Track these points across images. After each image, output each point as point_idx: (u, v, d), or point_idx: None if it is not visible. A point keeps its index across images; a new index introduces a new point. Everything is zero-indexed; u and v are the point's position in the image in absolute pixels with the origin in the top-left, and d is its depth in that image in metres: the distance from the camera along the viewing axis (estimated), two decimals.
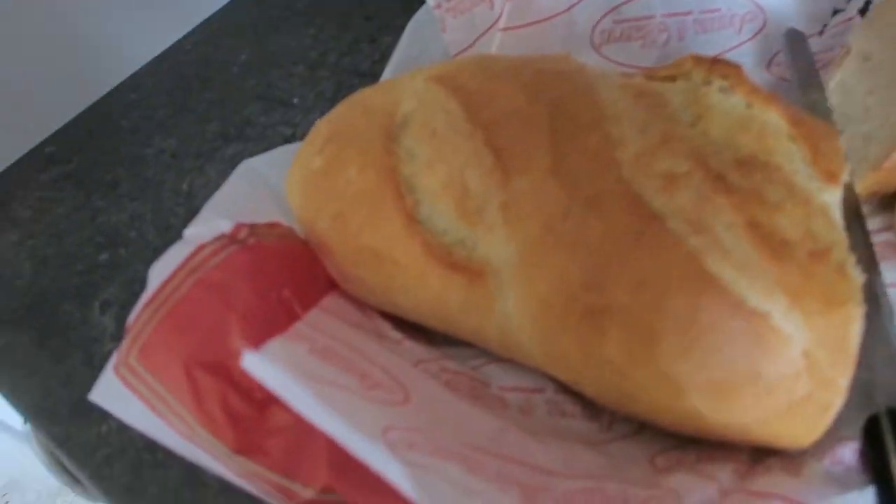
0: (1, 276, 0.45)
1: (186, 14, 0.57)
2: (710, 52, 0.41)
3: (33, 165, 0.50)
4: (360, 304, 0.32)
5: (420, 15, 0.43)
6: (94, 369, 0.39)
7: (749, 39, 0.41)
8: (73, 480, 0.43)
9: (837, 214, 0.24)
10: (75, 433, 0.37)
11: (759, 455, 0.25)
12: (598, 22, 0.41)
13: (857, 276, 0.22)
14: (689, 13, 0.41)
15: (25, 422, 0.40)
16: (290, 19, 0.57)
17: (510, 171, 0.25)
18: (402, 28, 0.53)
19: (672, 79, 0.28)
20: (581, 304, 0.23)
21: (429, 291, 0.28)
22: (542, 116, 0.26)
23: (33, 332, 0.42)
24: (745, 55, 0.41)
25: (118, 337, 0.40)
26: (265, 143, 0.47)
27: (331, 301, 0.32)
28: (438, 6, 0.40)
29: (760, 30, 0.41)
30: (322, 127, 0.33)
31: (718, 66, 0.26)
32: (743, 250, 0.22)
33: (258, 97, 0.51)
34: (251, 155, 0.45)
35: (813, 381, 0.22)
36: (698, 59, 0.27)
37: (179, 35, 0.56)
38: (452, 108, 0.28)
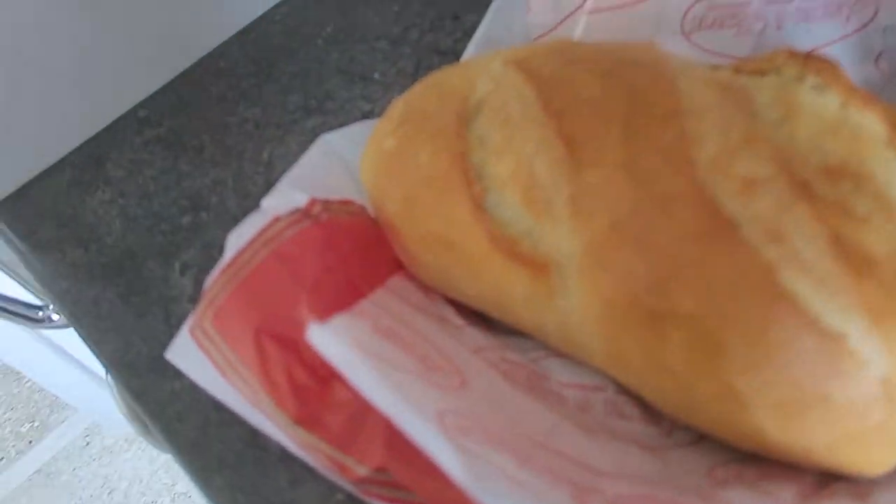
0: (94, 232, 0.48)
1: None
2: (810, 43, 0.39)
3: (127, 128, 0.53)
4: (425, 287, 0.32)
5: None
6: (171, 328, 0.41)
7: (856, 31, 0.38)
8: (147, 430, 0.45)
9: None
10: (151, 387, 0.39)
11: (827, 479, 0.23)
12: (690, 7, 0.40)
13: None
14: (790, 0, 0.38)
15: (107, 373, 0.43)
16: None
17: (580, 163, 0.25)
18: (486, 6, 0.53)
19: (762, 73, 0.26)
20: (645, 306, 0.23)
21: (492, 281, 0.28)
22: (617, 108, 0.25)
23: (119, 287, 0.44)
24: (851, 48, 0.38)
25: (195, 298, 0.42)
26: (344, 117, 0.48)
27: (396, 282, 0.33)
28: None
29: (871, 20, 0.38)
30: (398, 106, 0.33)
31: (813, 61, 0.25)
32: (823, 265, 0.21)
33: (340, 71, 0.51)
34: (331, 128, 0.46)
35: (889, 408, 0.21)
36: (792, 54, 0.26)
37: (269, 5, 0.57)
38: (527, 94, 0.28)
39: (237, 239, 0.33)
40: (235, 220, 0.33)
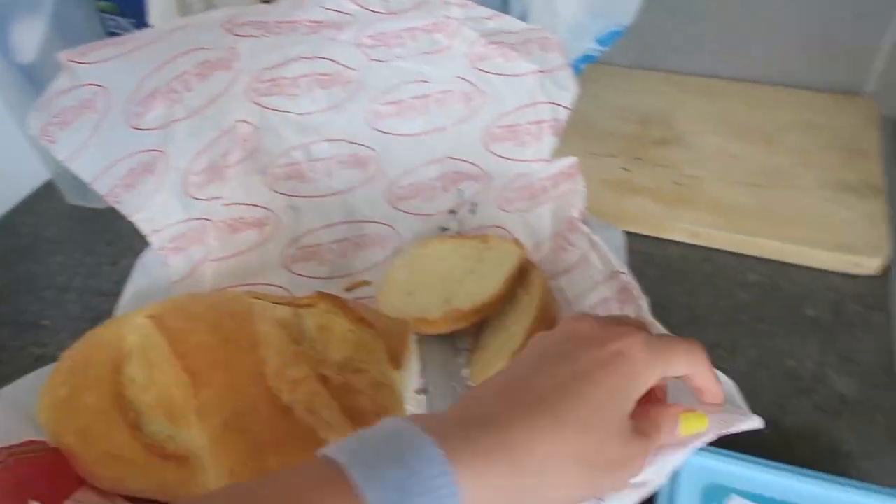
0: None
1: None
2: (367, 264, 0.59)
3: None
4: (105, 493, 0.42)
5: (147, 253, 0.56)
6: None
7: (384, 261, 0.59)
8: None
9: (400, 385, 0.40)
10: None
11: None
12: (284, 248, 0.58)
13: None
14: (347, 239, 0.59)
15: None
16: (37, 246, 0.66)
17: (199, 386, 0.39)
18: (139, 250, 0.65)
19: (310, 305, 0.44)
20: (250, 468, 0.37)
21: (154, 476, 0.39)
22: (219, 347, 0.40)
23: None
24: None
25: None
26: (16, 365, 0.55)
27: (81, 494, 0.42)
28: (161, 248, 0.54)
29: (396, 249, 0.59)
30: (65, 361, 0.44)
31: (331, 299, 0.43)
32: (338, 421, 0.37)
33: (9, 322, 0.59)
34: (4, 377, 0.54)
35: None
36: (322, 294, 0.43)
37: None
38: (160, 343, 0.41)
39: None
40: None
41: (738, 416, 0.37)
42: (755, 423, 0.36)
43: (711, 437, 0.36)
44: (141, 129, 0.51)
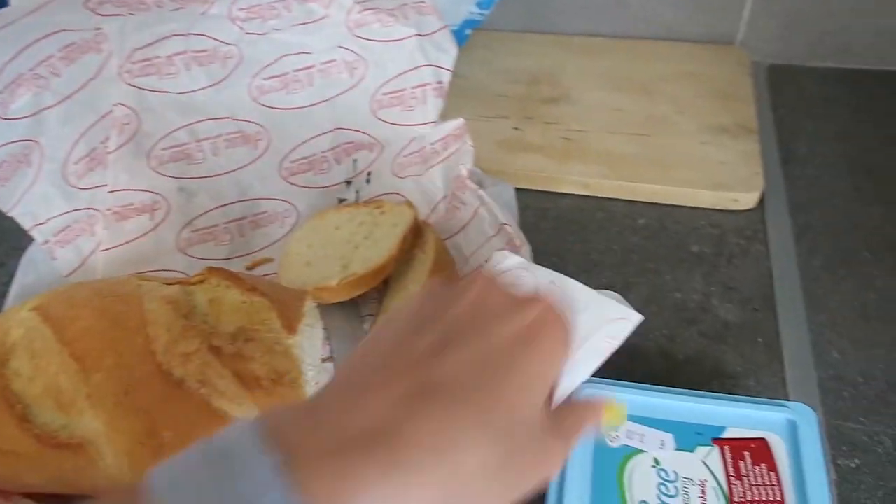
0: None
1: None
2: (266, 241, 0.58)
3: None
4: (4, 493, 0.41)
5: (32, 249, 0.54)
6: None
7: (283, 237, 0.58)
8: None
9: (296, 350, 0.41)
10: None
11: None
12: (179, 232, 0.57)
13: (304, 384, 0.39)
14: (244, 217, 0.58)
15: None
16: None
17: (89, 371, 0.38)
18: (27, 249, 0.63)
19: (201, 281, 0.43)
20: (147, 446, 0.36)
21: (49, 469, 0.38)
22: (106, 330, 0.39)
23: None
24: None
25: None
26: None
27: None
28: (46, 242, 0.52)
29: (294, 224, 0.59)
30: None
31: (222, 272, 0.43)
32: (232, 389, 0.37)
33: None
34: None
35: None
36: (212, 269, 0.43)
37: None
38: (45, 332, 0.40)
39: None
40: None
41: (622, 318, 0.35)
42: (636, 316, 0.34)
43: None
44: (8, 119, 0.49)
